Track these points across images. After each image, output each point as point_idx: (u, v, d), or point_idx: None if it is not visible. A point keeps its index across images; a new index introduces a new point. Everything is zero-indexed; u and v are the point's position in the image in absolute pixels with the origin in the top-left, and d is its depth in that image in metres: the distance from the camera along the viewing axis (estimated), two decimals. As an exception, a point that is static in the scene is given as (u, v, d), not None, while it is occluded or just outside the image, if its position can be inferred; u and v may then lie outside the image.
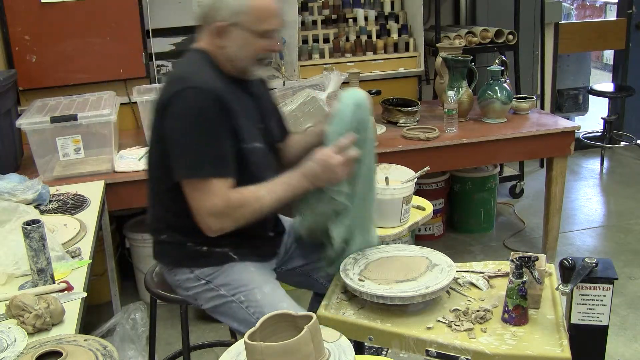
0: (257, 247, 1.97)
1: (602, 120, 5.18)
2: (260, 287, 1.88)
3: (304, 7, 3.91)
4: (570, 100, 5.75)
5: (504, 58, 3.65)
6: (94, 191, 2.56)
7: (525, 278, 1.63)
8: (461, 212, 4.01)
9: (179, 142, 1.77)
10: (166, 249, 1.97)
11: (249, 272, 1.91)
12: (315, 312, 1.57)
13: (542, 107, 4.72)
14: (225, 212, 1.77)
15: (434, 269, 1.80)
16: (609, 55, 7.83)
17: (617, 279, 1.58)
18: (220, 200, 1.75)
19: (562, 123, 3.42)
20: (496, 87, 3.38)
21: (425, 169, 2.24)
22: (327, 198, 1.85)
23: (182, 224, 1.88)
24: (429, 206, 2.39)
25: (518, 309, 1.64)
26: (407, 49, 3.94)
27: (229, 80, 1.86)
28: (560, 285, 1.59)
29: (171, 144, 1.78)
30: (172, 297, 2.01)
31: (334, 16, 3.98)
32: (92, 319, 2.97)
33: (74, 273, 1.81)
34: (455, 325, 1.66)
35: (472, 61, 3.46)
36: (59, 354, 1.35)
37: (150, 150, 1.90)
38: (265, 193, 1.81)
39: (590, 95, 5.42)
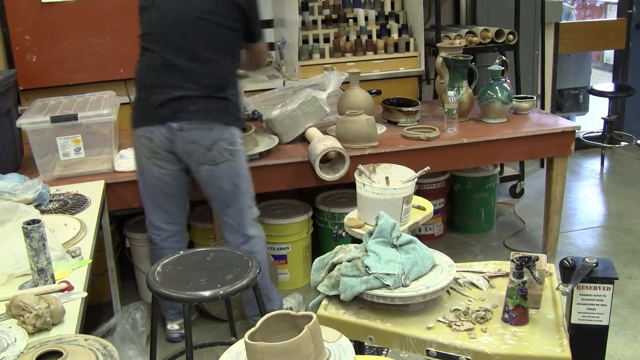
0: None
1: (603, 120, 5.18)
2: None
3: (304, 7, 3.91)
4: (570, 100, 5.76)
5: (504, 58, 3.65)
6: (94, 191, 2.56)
7: (525, 278, 1.63)
8: (461, 212, 4.01)
9: (258, 12, 2.65)
10: (230, 106, 2.58)
11: None
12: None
13: (543, 107, 4.72)
14: None
15: (434, 269, 1.80)
16: (609, 55, 7.83)
17: (617, 279, 1.58)
18: None
19: (562, 123, 3.42)
20: (496, 87, 3.38)
21: (425, 169, 2.24)
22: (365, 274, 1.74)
23: (236, 84, 2.63)
24: (429, 206, 2.39)
25: (518, 309, 1.64)
26: (407, 49, 3.94)
27: None
28: (561, 285, 1.59)
29: (254, 12, 2.62)
30: (174, 296, 2.00)
31: (334, 16, 3.98)
32: (92, 319, 2.97)
33: (74, 273, 1.81)
34: (455, 325, 1.66)
35: (472, 61, 3.45)
36: (59, 353, 1.35)
37: (212, 15, 2.50)
38: None
39: (590, 95, 5.42)
